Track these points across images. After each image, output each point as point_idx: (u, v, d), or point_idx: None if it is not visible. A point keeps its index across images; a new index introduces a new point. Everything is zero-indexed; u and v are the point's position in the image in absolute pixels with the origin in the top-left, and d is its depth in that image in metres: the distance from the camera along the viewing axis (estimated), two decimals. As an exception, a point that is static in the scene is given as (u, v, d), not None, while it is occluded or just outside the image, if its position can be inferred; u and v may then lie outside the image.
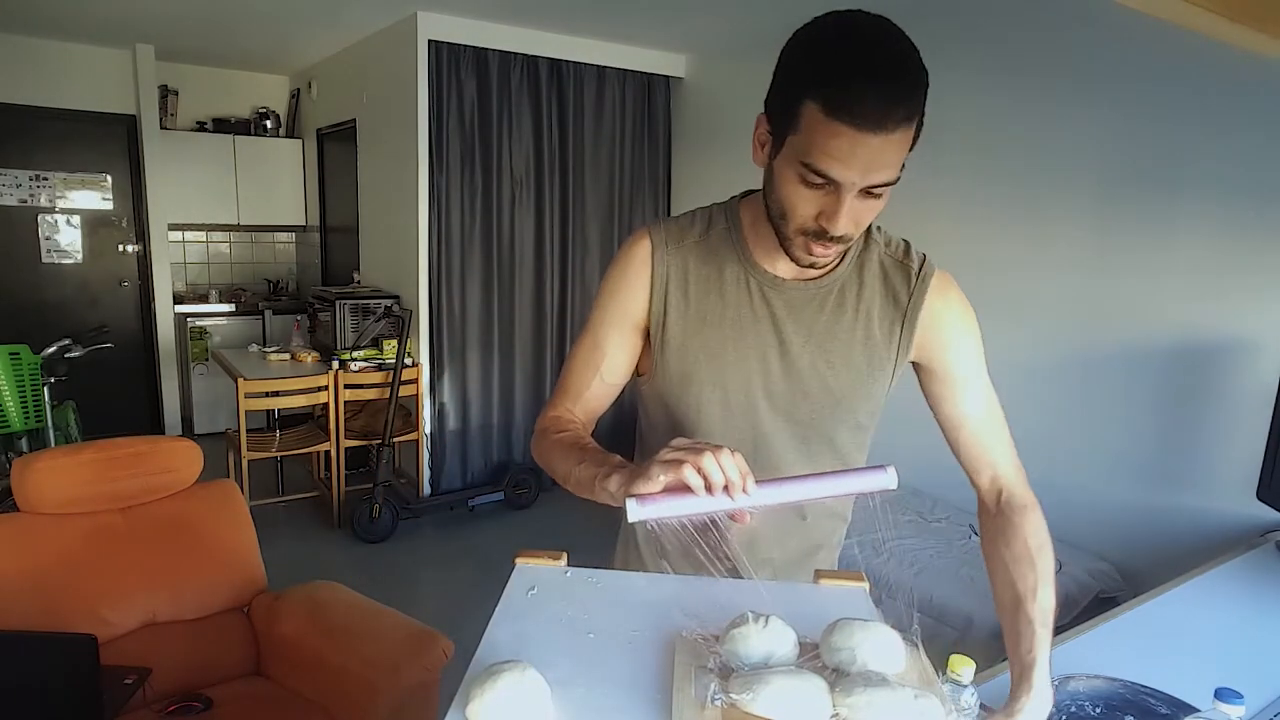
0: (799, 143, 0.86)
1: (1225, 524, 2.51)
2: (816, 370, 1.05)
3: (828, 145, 0.83)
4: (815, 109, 0.82)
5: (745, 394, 1.06)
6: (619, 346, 1.09)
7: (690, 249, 1.07)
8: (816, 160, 0.84)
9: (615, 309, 1.08)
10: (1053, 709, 1.03)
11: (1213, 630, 1.45)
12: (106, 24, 4.39)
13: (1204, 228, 2.57)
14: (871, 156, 0.83)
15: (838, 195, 0.87)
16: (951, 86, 3.22)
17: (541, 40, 4.12)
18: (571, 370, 1.12)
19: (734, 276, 1.05)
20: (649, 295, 1.07)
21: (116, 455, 2.02)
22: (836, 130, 0.82)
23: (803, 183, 0.88)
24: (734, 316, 1.05)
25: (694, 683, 0.72)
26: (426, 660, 1.85)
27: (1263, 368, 2.40)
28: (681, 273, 1.06)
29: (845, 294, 1.06)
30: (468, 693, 0.69)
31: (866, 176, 0.84)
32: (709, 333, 1.05)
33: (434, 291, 4.11)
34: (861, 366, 1.06)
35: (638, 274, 1.07)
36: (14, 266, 4.94)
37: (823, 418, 1.08)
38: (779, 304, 1.05)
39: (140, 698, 1.76)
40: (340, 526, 3.96)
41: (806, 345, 1.05)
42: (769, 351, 1.05)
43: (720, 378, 1.06)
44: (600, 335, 1.09)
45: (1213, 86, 2.52)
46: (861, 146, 0.82)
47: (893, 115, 0.80)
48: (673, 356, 1.07)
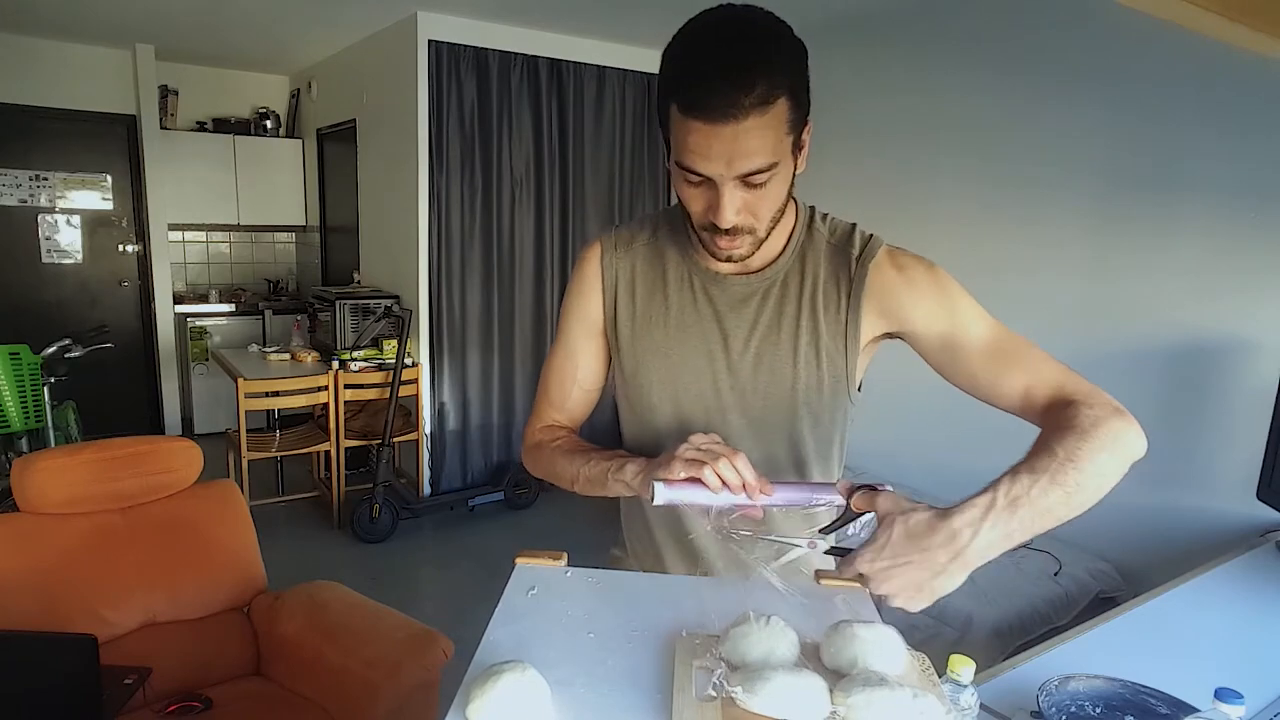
0: (674, 144, 0.89)
1: (1225, 524, 2.51)
2: (762, 364, 1.05)
3: (687, 142, 0.85)
4: (675, 110, 0.86)
5: (696, 391, 1.07)
6: (588, 352, 1.13)
7: (639, 251, 1.10)
8: (683, 158, 0.87)
9: (576, 315, 1.12)
10: (1053, 709, 1.03)
11: (1213, 630, 1.45)
12: (106, 24, 4.39)
13: (1204, 228, 2.57)
14: (728, 147, 0.84)
15: (716, 189, 0.88)
16: (951, 87, 3.22)
17: (541, 40, 4.12)
18: (549, 381, 1.16)
19: (677, 276, 1.08)
20: (601, 299, 1.11)
21: (116, 455, 2.02)
22: (692, 126, 0.84)
23: (686, 182, 0.90)
24: (677, 315, 1.07)
25: (694, 683, 0.72)
26: (426, 660, 1.85)
27: (1263, 368, 2.40)
28: (629, 275, 1.09)
29: (788, 285, 1.05)
30: (468, 693, 0.69)
31: (732, 166, 0.85)
32: (655, 333, 1.08)
33: (434, 291, 4.11)
34: (810, 359, 1.04)
35: (591, 280, 1.11)
36: (14, 266, 4.94)
37: (775, 413, 1.06)
38: (720, 300, 1.06)
39: (140, 698, 1.75)
40: (340, 526, 3.96)
41: (750, 340, 1.05)
42: (714, 348, 1.06)
43: (670, 376, 1.07)
44: (569, 343, 1.14)
45: (1213, 87, 2.52)
46: (715, 138, 0.83)
47: (740, 103, 0.81)
48: (625, 357, 1.10)
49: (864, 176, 3.56)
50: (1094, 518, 2.83)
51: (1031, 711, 1.06)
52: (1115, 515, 2.78)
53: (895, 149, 3.48)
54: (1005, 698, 1.09)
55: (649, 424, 1.10)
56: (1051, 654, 1.27)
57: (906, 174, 3.39)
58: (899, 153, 3.47)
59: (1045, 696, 1.05)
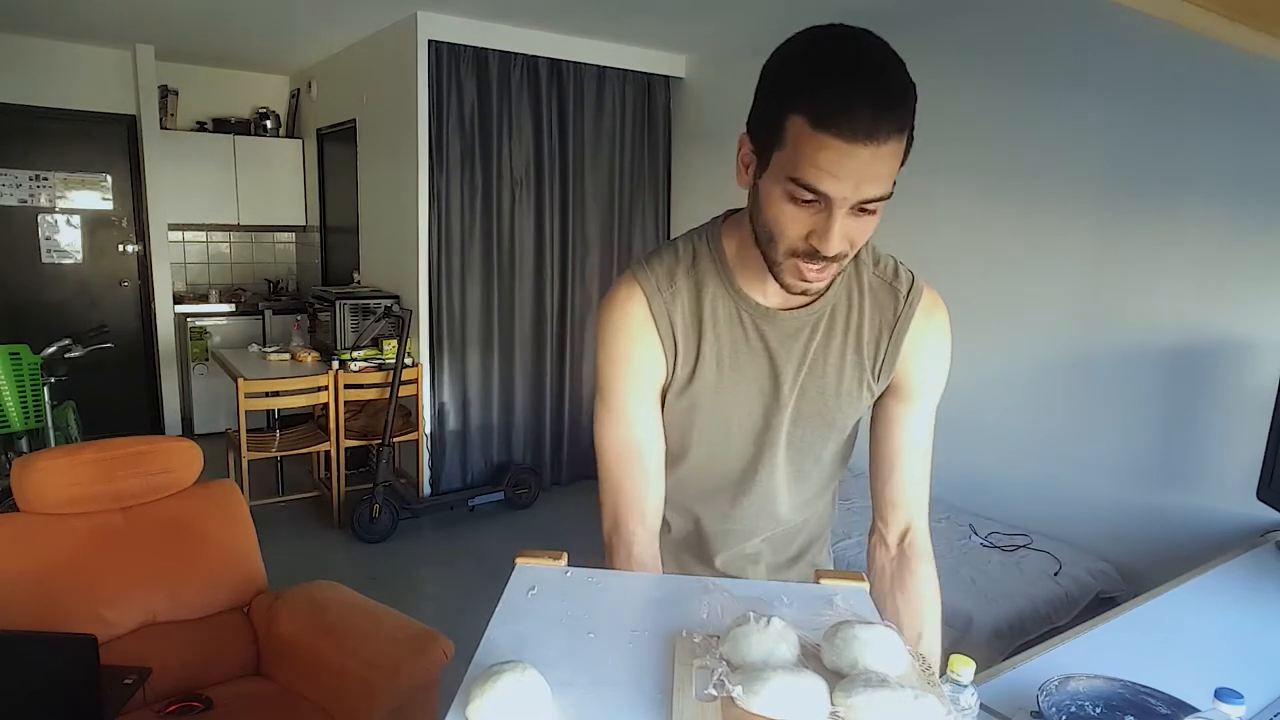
0: (786, 159, 0.83)
1: (1225, 524, 2.51)
2: (809, 397, 1.05)
3: (816, 158, 0.80)
4: (802, 122, 0.80)
5: (745, 426, 1.06)
6: (653, 423, 1.05)
7: (681, 287, 1.03)
8: (805, 174, 0.81)
9: (636, 380, 1.02)
10: (1053, 709, 1.03)
11: (1213, 630, 1.45)
12: (106, 24, 4.39)
13: (1205, 228, 2.57)
14: (862, 169, 0.80)
15: (829, 212, 0.84)
16: (952, 88, 3.22)
17: (541, 40, 4.12)
18: (616, 478, 1.05)
19: (726, 312, 1.03)
20: (661, 353, 1.02)
21: (116, 455, 2.02)
22: (825, 142, 0.79)
23: (791, 201, 0.84)
24: (730, 353, 1.03)
25: (694, 683, 0.72)
26: (426, 660, 1.85)
27: (1263, 368, 2.40)
28: (681, 315, 1.02)
29: (835, 317, 1.04)
30: (468, 693, 0.69)
31: (859, 190, 0.82)
32: (706, 371, 1.03)
33: (434, 291, 4.11)
34: (852, 388, 1.06)
35: (644, 333, 1.01)
36: (14, 266, 4.94)
37: (815, 440, 1.08)
38: (772, 335, 1.03)
39: (140, 698, 1.75)
40: (340, 526, 3.96)
41: (800, 373, 1.04)
42: (765, 383, 1.04)
43: (721, 413, 1.05)
44: (634, 419, 1.03)
45: (1213, 87, 2.52)
46: (850, 158, 0.79)
47: (882, 125, 0.79)
48: (675, 396, 1.05)
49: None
50: (1094, 518, 2.83)
51: (1031, 711, 1.06)
52: (1115, 515, 2.81)
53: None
54: (1005, 698, 1.09)
55: (692, 456, 1.09)
56: (1051, 654, 1.27)
57: (907, 175, 3.38)
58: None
59: (1045, 696, 1.05)
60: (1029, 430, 3.05)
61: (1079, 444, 2.90)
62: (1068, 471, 2.92)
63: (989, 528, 2.98)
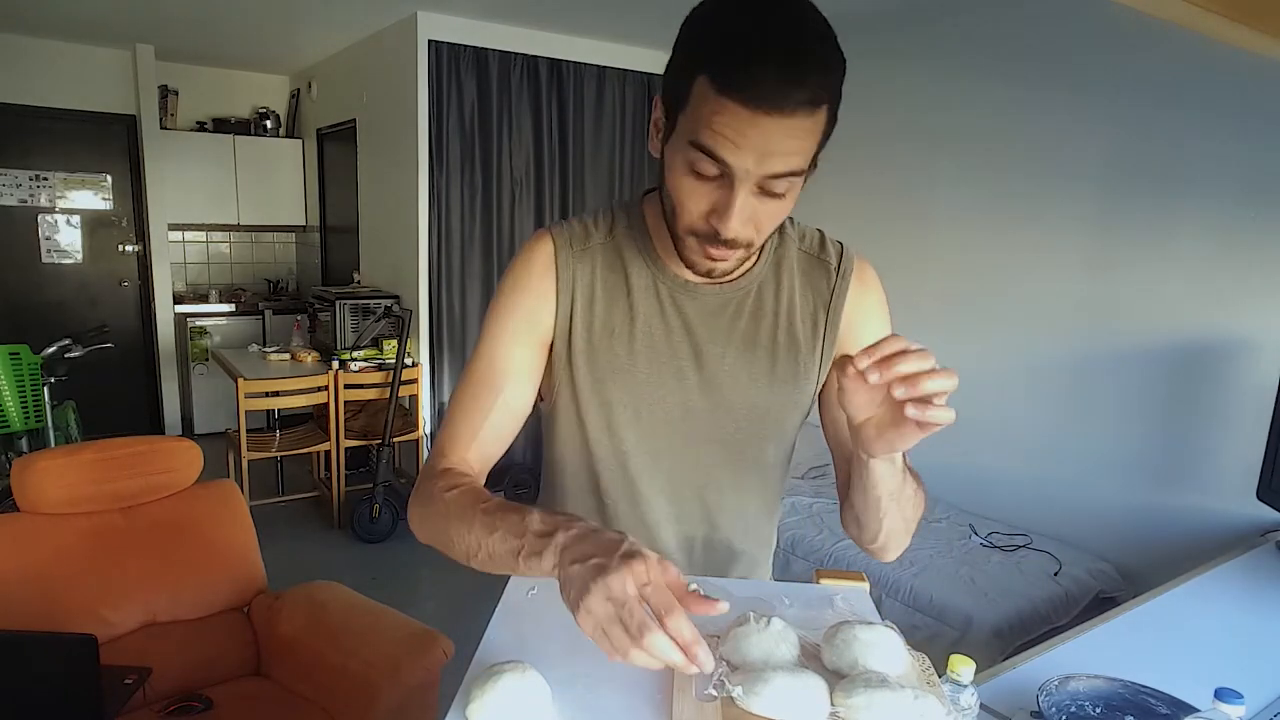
0: (688, 122, 0.76)
1: (1225, 524, 2.51)
2: (739, 384, 0.95)
3: (714, 122, 0.73)
4: (706, 83, 0.73)
5: (663, 414, 0.95)
6: (524, 369, 0.93)
7: (596, 251, 0.94)
8: (703, 138, 0.74)
9: (517, 321, 0.93)
10: (1053, 709, 1.03)
11: (1213, 630, 1.45)
12: (106, 24, 4.39)
13: (1204, 229, 2.57)
14: (766, 140, 0.73)
15: (731, 188, 0.76)
16: (951, 89, 3.22)
17: (541, 40, 4.12)
18: (462, 407, 0.92)
19: (642, 283, 0.93)
20: (554, 305, 0.93)
21: (116, 455, 2.02)
22: (726, 106, 0.72)
23: (692, 172, 0.78)
24: (644, 328, 0.93)
25: (694, 683, 0.72)
26: (426, 660, 1.85)
27: (1263, 368, 2.40)
28: (588, 279, 0.93)
29: (763, 295, 0.95)
30: (468, 693, 0.69)
31: (762, 163, 0.74)
32: (618, 347, 0.93)
33: (434, 291, 4.11)
34: (787, 376, 0.96)
35: (541, 280, 0.93)
36: (14, 266, 4.94)
37: (750, 436, 0.97)
38: (692, 311, 0.93)
39: (140, 698, 1.75)
40: (340, 526, 3.96)
41: (725, 356, 0.94)
42: (684, 365, 0.94)
43: (633, 397, 0.94)
44: (499, 356, 0.92)
45: (1213, 87, 2.52)
46: (754, 127, 0.72)
47: (792, 95, 0.71)
48: (580, 375, 0.94)
49: (864, 180, 3.56)
50: (1094, 518, 2.84)
51: (1031, 711, 1.06)
52: (1115, 515, 2.81)
53: (895, 151, 3.48)
54: (1005, 698, 1.09)
55: (604, 450, 0.96)
56: (1051, 654, 1.27)
57: (906, 177, 3.39)
58: (899, 156, 3.47)
59: (1045, 696, 1.05)
60: (1029, 430, 3.05)
61: (1079, 444, 2.90)
62: (1068, 471, 2.92)
63: (989, 528, 2.98)
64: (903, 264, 3.34)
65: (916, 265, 3.33)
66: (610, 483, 0.98)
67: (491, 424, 0.91)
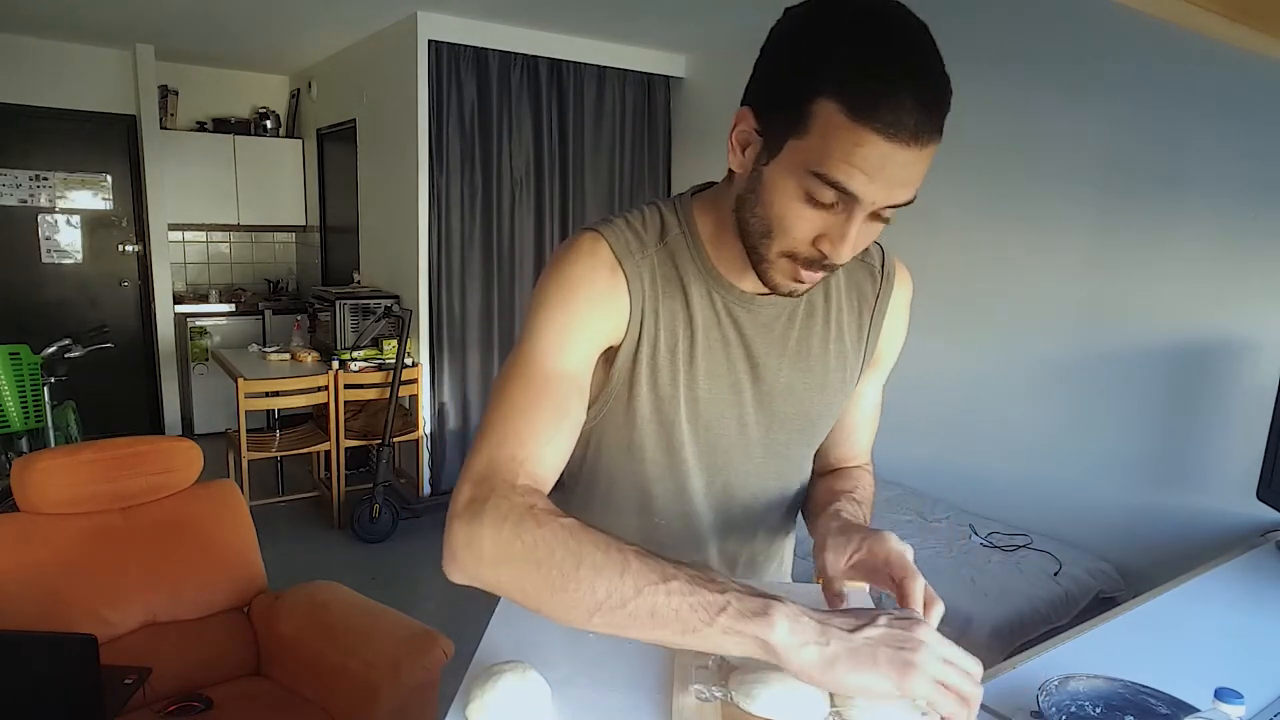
0: (809, 149, 0.70)
1: (1225, 524, 2.51)
2: (794, 394, 0.93)
3: (852, 155, 0.68)
4: (836, 110, 0.68)
5: (721, 430, 0.92)
6: (587, 380, 0.84)
7: (652, 256, 0.87)
8: (834, 171, 0.69)
9: (583, 329, 0.83)
10: (1053, 709, 1.03)
11: (1213, 630, 1.45)
12: (106, 24, 4.39)
13: (1204, 228, 2.57)
14: (900, 173, 0.70)
15: (849, 216, 0.72)
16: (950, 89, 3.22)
17: (541, 40, 4.12)
18: (527, 411, 0.78)
19: (699, 293, 0.88)
20: (626, 317, 0.85)
21: (116, 455, 2.02)
22: (864, 138, 0.68)
23: (807, 199, 0.73)
24: (704, 341, 0.88)
25: (694, 683, 0.72)
26: (426, 660, 1.85)
27: (1263, 368, 2.40)
28: (650, 290, 0.86)
29: (814, 304, 0.93)
30: (468, 693, 0.69)
31: (890, 194, 0.71)
32: (680, 363, 0.88)
33: (434, 291, 4.11)
34: (838, 384, 0.95)
35: (608, 285, 0.84)
36: (14, 266, 4.94)
37: (800, 444, 0.97)
38: (748, 323, 0.89)
39: (140, 698, 1.75)
40: (340, 526, 3.96)
41: (781, 367, 0.91)
42: (741, 380, 0.91)
43: (693, 415, 0.90)
44: (568, 362, 0.81)
45: (1213, 87, 2.52)
46: (890, 160, 0.69)
47: (927, 127, 0.69)
48: (641, 392, 0.87)
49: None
50: (1094, 518, 2.84)
51: (1031, 711, 1.06)
52: (1115, 515, 2.81)
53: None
54: (1005, 698, 1.09)
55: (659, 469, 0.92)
56: (1051, 654, 1.27)
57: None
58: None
59: (1045, 696, 1.05)
60: (1029, 430, 3.05)
61: (1079, 444, 2.90)
62: (1068, 471, 2.92)
63: (989, 528, 2.98)
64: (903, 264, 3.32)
65: (916, 265, 3.29)
66: (666, 503, 0.94)
67: (561, 438, 0.79)
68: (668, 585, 0.63)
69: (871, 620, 0.64)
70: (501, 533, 0.68)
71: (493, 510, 0.69)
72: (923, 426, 3.29)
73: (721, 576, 0.65)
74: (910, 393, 3.45)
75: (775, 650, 0.61)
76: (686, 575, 0.64)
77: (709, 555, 0.98)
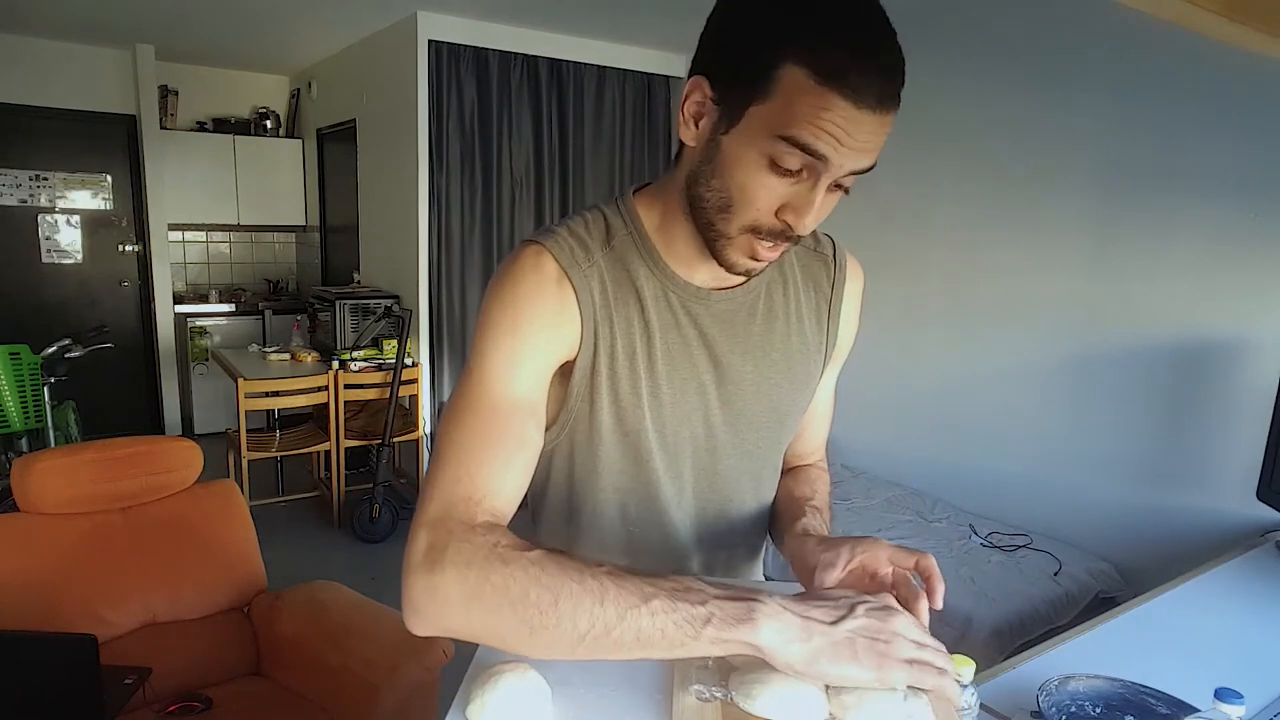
0: (773, 114, 0.69)
1: (1225, 524, 2.51)
2: (760, 392, 0.90)
3: (820, 118, 0.68)
4: (802, 75, 0.67)
5: (688, 434, 0.88)
6: (541, 401, 0.81)
7: (600, 263, 0.83)
8: (802, 133, 0.68)
9: (534, 349, 0.79)
10: (1053, 709, 1.03)
11: (1213, 630, 1.45)
12: (106, 24, 4.39)
13: (1203, 228, 2.57)
14: (864, 138, 0.70)
15: (814, 182, 0.72)
16: (950, 88, 3.22)
17: (541, 40, 4.12)
18: (478, 447, 0.75)
19: (653, 294, 0.84)
20: (578, 333, 0.81)
21: (116, 455, 2.02)
22: (831, 102, 0.67)
23: (771, 166, 0.71)
24: (663, 344, 0.85)
25: (693, 683, 0.72)
26: (426, 660, 1.85)
27: (1263, 368, 2.40)
28: (601, 299, 0.82)
29: (773, 297, 0.91)
30: (468, 693, 0.69)
31: (856, 159, 0.71)
32: (640, 370, 0.84)
33: (434, 291, 4.11)
34: (802, 377, 0.93)
35: (555, 301, 0.80)
36: (14, 266, 4.94)
37: (769, 441, 0.94)
38: (707, 320, 0.86)
39: (140, 698, 1.75)
40: (340, 526, 3.96)
41: (745, 364, 0.89)
42: (705, 380, 0.87)
43: (659, 423, 0.86)
44: (519, 388, 0.78)
45: (1213, 87, 2.52)
46: (858, 125, 0.68)
47: (890, 94, 0.69)
48: (602, 406, 0.84)
49: (863, 180, 3.55)
50: (1094, 518, 2.84)
51: (1031, 711, 1.06)
52: (1115, 515, 2.81)
53: (893, 152, 3.47)
54: (1005, 698, 1.09)
55: (627, 481, 0.89)
56: (1051, 654, 1.27)
57: (905, 177, 3.39)
58: (898, 155, 3.46)
59: (1045, 696, 1.05)
60: (1029, 430, 3.05)
61: (1079, 444, 2.90)
62: (1068, 471, 2.92)
63: (989, 528, 2.98)
64: (902, 264, 3.34)
65: (916, 265, 3.33)
66: (638, 514, 0.91)
67: (518, 470, 0.77)
68: (649, 605, 0.63)
69: (850, 610, 0.67)
70: (467, 578, 0.67)
71: (454, 555, 0.69)
72: (923, 427, 3.29)
73: (699, 584, 0.65)
74: (910, 393, 3.45)
75: (762, 651, 0.63)
76: (667, 591, 0.64)
77: (688, 563, 0.95)
